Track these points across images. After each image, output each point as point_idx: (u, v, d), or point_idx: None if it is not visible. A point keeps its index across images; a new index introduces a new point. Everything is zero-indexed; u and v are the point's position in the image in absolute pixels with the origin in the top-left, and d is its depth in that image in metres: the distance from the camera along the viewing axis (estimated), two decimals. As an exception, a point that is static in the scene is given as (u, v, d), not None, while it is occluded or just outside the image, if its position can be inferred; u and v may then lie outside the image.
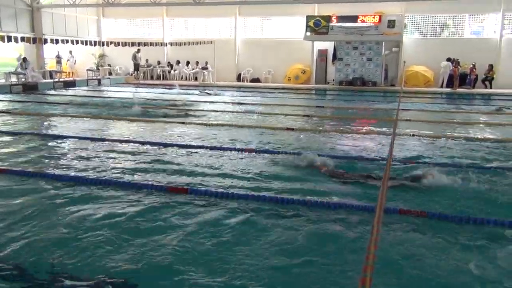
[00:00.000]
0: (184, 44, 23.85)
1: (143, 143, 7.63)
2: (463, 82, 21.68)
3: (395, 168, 6.01)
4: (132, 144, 7.58)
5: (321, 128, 9.86)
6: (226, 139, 8.21)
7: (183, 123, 10.05)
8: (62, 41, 20.35)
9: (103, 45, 23.72)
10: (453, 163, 6.41)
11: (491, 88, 21.48)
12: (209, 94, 18.32)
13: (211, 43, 23.46)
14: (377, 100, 16.85)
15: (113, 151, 7.07)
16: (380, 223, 1.88)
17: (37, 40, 20.13)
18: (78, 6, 24.03)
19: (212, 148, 7.26)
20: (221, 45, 24.70)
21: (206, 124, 9.92)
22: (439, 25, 23.47)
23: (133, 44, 22.79)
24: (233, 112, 12.49)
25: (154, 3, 22.78)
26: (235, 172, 5.85)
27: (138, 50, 25.27)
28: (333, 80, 23.89)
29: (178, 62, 26.37)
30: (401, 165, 6.27)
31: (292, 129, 9.27)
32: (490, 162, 6.58)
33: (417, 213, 4.30)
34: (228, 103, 14.98)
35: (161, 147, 7.38)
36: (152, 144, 7.60)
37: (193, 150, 7.12)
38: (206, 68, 25.23)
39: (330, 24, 22.61)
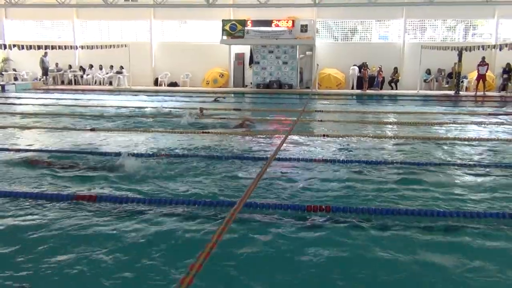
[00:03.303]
0: (97, 48, 22.95)
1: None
2: (372, 84, 22.93)
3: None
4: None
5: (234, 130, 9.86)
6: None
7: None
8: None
9: (5, 48, 22.16)
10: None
11: (396, 89, 22.94)
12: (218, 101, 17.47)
13: (125, 46, 22.77)
14: (292, 102, 17.32)
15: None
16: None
17: None
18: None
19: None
20: (137, 48, 24.08)
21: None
22: (349, 30, 24.64)
23: (39, 47, 21.48)
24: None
25: (61, 4, 21.68)
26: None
27: (45, 54, 23.88)
28: (251, 83, 24.22)
29: (91, 66, 25.32)
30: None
31: (208, 132, 9.21)
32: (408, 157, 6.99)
33: (322, 209, 4.41)
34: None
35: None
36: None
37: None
38: (121, 73, 24.47)
39: (245, 28, 22.91)
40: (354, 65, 23.08)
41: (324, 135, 8.80)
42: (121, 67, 24.43)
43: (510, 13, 22.49)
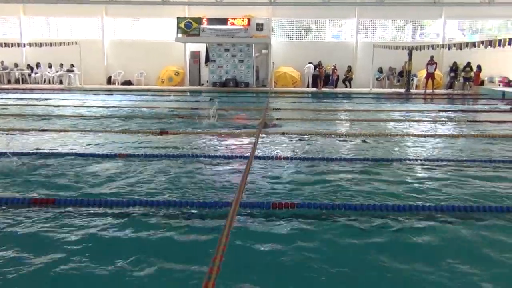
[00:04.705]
0: (46, 45, 22.04)
1: None
2: (326, 82, 23.36)
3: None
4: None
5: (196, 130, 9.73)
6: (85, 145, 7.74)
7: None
8: None
9: None
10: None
11: (350, 87, 23.49)
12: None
13: (76, 44, 22.02)
14: (250, 101, 17.37)
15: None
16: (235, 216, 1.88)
17: None
18: None
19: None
20: (88, 46, 23.33)
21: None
22: (303, 29, 24.98)
23: (-17, 44, 20.46)
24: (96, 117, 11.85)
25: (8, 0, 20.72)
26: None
27: (-11, 51, 22.76)
28: (207, 81, 24.09)
29: (38, 65, 24.32)
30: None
31: (167, 133, 9.05)
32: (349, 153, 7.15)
33: (288, 205, 4.46)
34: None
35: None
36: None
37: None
38: (72, 71, 23.65)
39: (201, 26, 22.74)
40: (310, 63, 23.45)
41: (283, 133, 8.88)
42: (72, 65, 23.62)
43: (456, 14, 23.56)
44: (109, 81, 24.65)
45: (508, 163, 6.53)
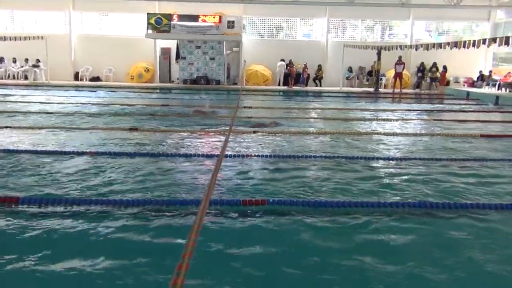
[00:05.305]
0: (10, 39, 21.32)
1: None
2: (297, 80, 23.51)
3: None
4: None
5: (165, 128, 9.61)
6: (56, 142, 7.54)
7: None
8: None
9: None
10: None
11: (321, 86, 23.72)
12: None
13: (42, 38, 21.38)
14: (221, 98, 17.31)
15: None
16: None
17: None
18: None
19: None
20: (55, 41, 22.68)
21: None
22: (275, 27, 25.06)
23: None
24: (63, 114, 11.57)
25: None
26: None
27: None
28: (178, 78, 23.87)
29: (2, 59, 23.53)
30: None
31: (136, 129, 8.90)
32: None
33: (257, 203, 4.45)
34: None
35: None
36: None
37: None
38: (38, 66, 22.99)
39: (172, 22, 22.50)
40: (282, 60, 23.50)
41: (254, 132, 8.88)
42: (38, 60, 22.97)
43: (424, 15, 24.11)
44: (76, 77, 24.09)
45: (472, 161, 6.73)
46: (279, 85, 23.49)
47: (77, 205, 4.36)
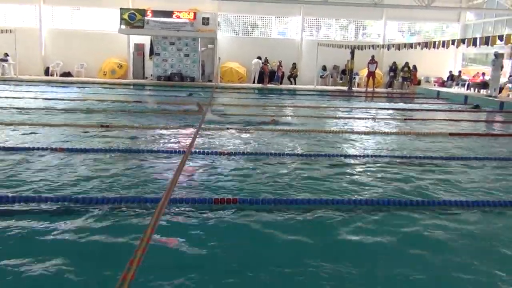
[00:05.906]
0: (-23, 32, 20.68)
1: None
2: (272, 78, 23.54)
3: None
4: None
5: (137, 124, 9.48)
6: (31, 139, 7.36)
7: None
8: None
9: None
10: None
11: (295, 84, 23.82)
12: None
13: (10, 32, 20.76)
14: (196, 96, 17.19)
15: None
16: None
17: None
18: None
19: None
20: (24, 34, 22.08)
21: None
22: (250, 25, 25.02)
23: None
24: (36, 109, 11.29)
25: None
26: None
27: None
28: (151, 75, 23.59)
29: (-32, 53, 22.79)
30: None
31: (108, 126, 8.75)
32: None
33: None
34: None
35: None
36: None
37: None
38: (6, 60, 22.35)
39: (145, 18, 22.19)
40: (258, 57, 23.46)
41: (228, 128, 8.86)
42: (6, 54, 22.32)
43: (396, 15, 24.47)
44: (47, 72, 23.52)
45: (439, 159, 6.87)
46: (254, 82, 23.47)
47: (36, 202, 4.27)
